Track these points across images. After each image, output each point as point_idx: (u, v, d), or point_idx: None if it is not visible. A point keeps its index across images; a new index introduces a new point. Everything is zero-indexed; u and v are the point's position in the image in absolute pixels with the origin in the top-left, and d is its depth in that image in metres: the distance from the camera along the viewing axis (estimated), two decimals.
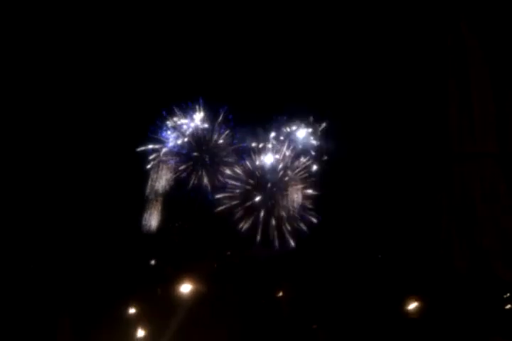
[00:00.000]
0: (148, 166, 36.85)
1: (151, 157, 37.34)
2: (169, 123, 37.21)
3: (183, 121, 37.30)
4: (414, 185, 35.74)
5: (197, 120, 37.43)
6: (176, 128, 37.10)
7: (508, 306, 32.20)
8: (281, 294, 35.24)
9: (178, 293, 34.70)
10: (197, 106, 37.60)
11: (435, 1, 36.11)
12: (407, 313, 33.99)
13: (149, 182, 35.99)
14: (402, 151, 36.14)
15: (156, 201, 35.67)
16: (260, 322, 34.14)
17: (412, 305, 33.79)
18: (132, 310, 33.94)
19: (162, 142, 37.30)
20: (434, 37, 36.52)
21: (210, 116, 37.81)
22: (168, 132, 37.22)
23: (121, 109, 37.76)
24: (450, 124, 35.89)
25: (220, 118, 37.61)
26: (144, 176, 36.44)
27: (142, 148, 37.22)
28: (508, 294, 32.50)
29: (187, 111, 37.96)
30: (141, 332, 33.25)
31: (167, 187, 36.15)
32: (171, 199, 36.30)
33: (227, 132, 37.44)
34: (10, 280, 34.01)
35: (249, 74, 36.39)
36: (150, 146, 37.36)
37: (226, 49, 37.50)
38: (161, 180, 36.17)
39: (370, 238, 35.81)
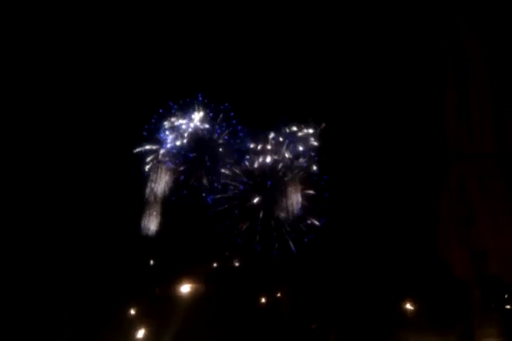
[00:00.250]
0: (146, 168, 36.71)
1: (148, 158, 37.09)
2: (167, 123, 37.04)
3: (182, 121, 36.99)
4: (413, 185, 35.75)
5: (196, 119, 37.07)
6: (174, 128, 36.85)
7: (508, 307, 32.57)
8: (280, 294, 35.39)
9: (178, 294, 34.73)
10: (196, 105, 37.24)
11: (434, 1, 36.08)
12: (406, 313, 34.20)
13: (148, 185, 35.80)
14: (400, 152, 36.14)
15: (155, 203, 35.51)
16: (260, 322, 34.25)
17: (411, 306, 33.95)
18: (132, 311, 34.05)
19: (160, 143, 37.12)
20: (432, 37, 36.46)
21: (211, 115, 37.47)
22: (167, 132, 37.01)
23: (117, 108, 37.57)
24: (448, 125, 35.86)
25: (221, 116, 37.30)
26: (142, 178, 36.23)
27: (139, 149, 36.98)
28: (507, 295, 32.76)
29: (186, 109, 37.59)
30: (140, 333, 33.39)
31: (166, 189, 35.98)
32: (170, 201, 36.17)
33: (227, 131, 37.20)
34: (11, 282, 34.05)
35: (250, 75, 36.21)
36: (147, 147, 37.17)
37: (227, 48, 37.29)
38: (160, 182, 35.97)
39: (368, 238, 35.85)
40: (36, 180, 35.79)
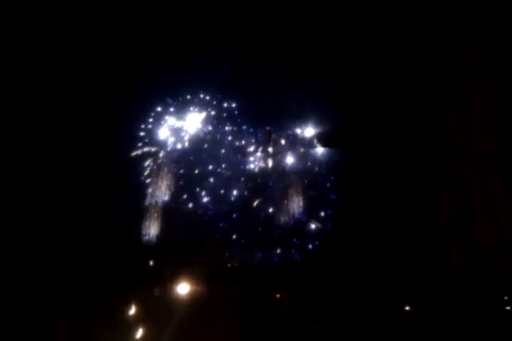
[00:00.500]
0: (145, 171, 36.43)
1: (146, 162, 36.77)
2: (166, 123, 36.75)
3: (182, 121, 36.68)
4: (412, 186, 35.86)
5: (197, 119, 36.76)
6: (173, 128, 36.59)
7: (508, 307, 32.91)
8: (280, 294, 35.55)
9: (177, 294, 34.81)
10: (198, 103, 36.84)
11: (434, 1, 36.05)
12: (406, 314, 34.48)
13: (147, 187, 35.64)
14: (399, 152, 36.27)
15: (155, 205, 35.40)
16: (260, 322, 34.44)
17: (411, 307, 34.20)
18: (131, 311, 34.13)
19: (159, 145, 36.81)
20: (432, 36, 36.49)
21: (213, 114, 37.11)
22: (166, 133, 36.68)
23: (112, 106, 37.20)
24: (448, 124, 35.90)
25: (224, 115, 36.91)
26: (141, 181, 35.98)
27: (136, 153, 36.61)
28: (507, 296, 33.12)
29: (187, 107, 37.20)
30: (140, 333, 33.49)
31: (166, 192, 35.85)
32: (170, 204, 36.05)
33: (230, 131, 36.89)
34: (9, 282, 34.07)
35: (253, 73, 35.97)
36: (146, 149, 36.84)
37: (229, 45, 36.98)
38: (160, 185, 35.84)
39: (368, 239, 36.03)
40: (31, 184, 35.66)
